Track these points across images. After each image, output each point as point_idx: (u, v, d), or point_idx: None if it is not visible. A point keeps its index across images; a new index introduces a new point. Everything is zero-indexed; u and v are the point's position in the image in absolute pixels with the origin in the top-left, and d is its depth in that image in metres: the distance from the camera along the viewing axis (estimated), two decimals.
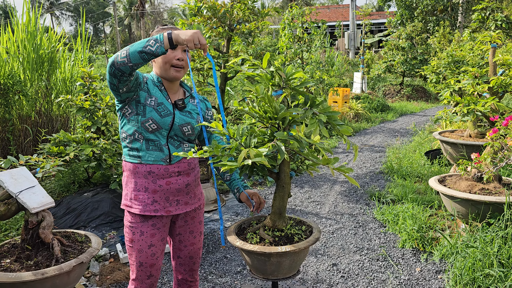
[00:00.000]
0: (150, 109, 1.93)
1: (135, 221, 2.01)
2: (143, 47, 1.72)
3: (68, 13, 57.39)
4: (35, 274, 2.35)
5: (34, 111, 5.71)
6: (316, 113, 1.78)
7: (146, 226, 2.01)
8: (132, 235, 2.01)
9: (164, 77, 2.01)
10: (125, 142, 2.01)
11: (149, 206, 1.99)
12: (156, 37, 1.75)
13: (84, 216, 4.19)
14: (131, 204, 2.00)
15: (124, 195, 2.06)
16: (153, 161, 1.96)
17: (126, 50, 1.74)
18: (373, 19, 28.71)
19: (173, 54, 1.94)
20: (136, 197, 1.99)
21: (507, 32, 8.80)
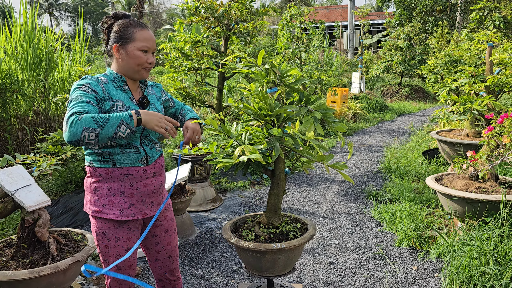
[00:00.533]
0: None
1: (108, 227, 1.94)
2: (113, 134, 1.65)
3: (67, 14, 57.38)
4: (31, 272, 2.35)
5: (32, 111, 5.71)
6: (311, 110, 1.78)
7: (122, 231, 1.96)
8: (107, 241, 1.95)
9: (131, 77, 1.95)
10: (92, 150, 1.90)
11: (126, 210, 1.93)
12: (127, 121, 1.67)
13: (81, 215, 4.19)
14: (104, 210, 1.92)
15: (92, 201, 1.95)
16: (130, 163, 1.90)
17: (95, 133, 1.62)
18: (372, 19, 28.74)
19: (146, 57, 1.91)
20: (111, 202, 1.91)
21: (505, 32, 8.83)
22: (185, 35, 5.97)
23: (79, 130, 1.60)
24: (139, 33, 1.88)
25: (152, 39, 1.91)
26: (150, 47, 1.90)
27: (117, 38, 1.89)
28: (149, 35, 1.91)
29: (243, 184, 5.68)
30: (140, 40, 1.88)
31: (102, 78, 1.90)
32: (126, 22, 1.91)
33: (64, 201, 4.33)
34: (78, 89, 1.80)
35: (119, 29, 1.89)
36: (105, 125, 1.62)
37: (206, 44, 5.92)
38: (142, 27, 1.90)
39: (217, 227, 4.30)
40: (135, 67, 1.90)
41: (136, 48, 1.87)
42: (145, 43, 1.88)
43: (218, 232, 4.16)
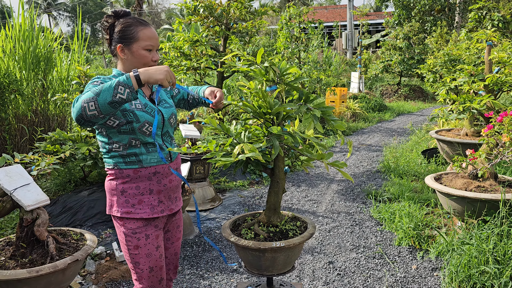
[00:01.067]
0: (140, 113, 1.85)
1: (137, 226, 1.92)
2: (112, 97, 1.59)
3: (66, 14, 57.30)
4: (29, 271, 2.34)
5: (31, 110, 5.70)
6: (310, 108, 1.78)
7: (150, 228, 1.95)
8: (137, 241, 1.92)
9: None
10: (116, 152, 1.89)
11: (156, 207, 1.94)
12: (123, 81, 1.61)
13: (80, 215, 4.18)
14: (134, 210, 1.91)
15: (120, 203, 1.92)
16: (156, 162, 1.91)
17: (93, 101, 1.58)
18: (371, 19, 28.75)
19: (150, 55, 1.90)
20: (141, 201, 1.91)
21: (504, 31, 8.83)
22: (184, 34, 5.96)
23: (79, 104, 1.59)
24: (143, 32, 1.87)
25: (155, 37, 1.90)
26: (154, 45, 1.90)
27: (120, 38, 1.88)
28: (152, 33, 1.90)
29: (242, 183, 5.68)
30: (144, 39, 1.87)
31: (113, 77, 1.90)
32: (128, 21, 1.89)
33: (63, 200, 4.32)
34: (90, 84, 1.79)
35: (122, 28, 1.88)
36: (102, 91, 1.58)
37: (205, 44, 5.91)
38: (144, 26, 1.89)
39: (216, 226, 4.29)
40: (141, 66, 1.89)
41: (141, 47, 1.87)
42: (149, 42, 1.88)
43: (217, 232, 4.15)
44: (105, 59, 33.81)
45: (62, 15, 57.68)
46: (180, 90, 2.13)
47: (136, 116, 1.83)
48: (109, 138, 1.87)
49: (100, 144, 1.94)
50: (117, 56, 1.92)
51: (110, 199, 1.95)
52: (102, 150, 1.94)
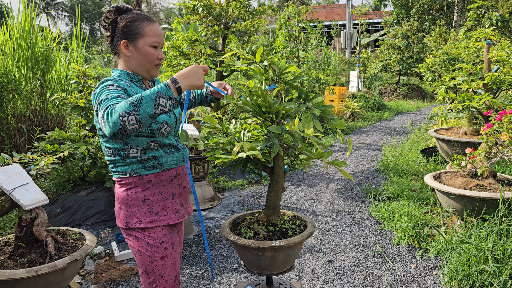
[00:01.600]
0: None
1: (164, 234, 1.81)
2: (154, 109, 1.48)
3: (64, 13, 57.22)
4: (28, 271, 2.34)
5: (29, 110, 5.69)
6: (310, 107, 1.78)
7: (174, 235, 1.86)
8: (165, 250, 1.81)
9: (143, 76, 1.85)
10: (134, 158, 1.76)
11: (180, 211, 1.86)
12: (163, 91, 1.50)
13: (79, 215, 4.17)
14: (159, 218, 1.79)
15: (142, 213, 1.78)
16: (176, 163, 1.83)
17: (134, 115, 1.45)
18: (369, 18, 28.76)
19: (156, 53, 1.80)
20: (165, 207, 1.81)
21: (502, 30, 8.84)
22: (183, 34, 5.96)
23: (116, 119, 1.45)
24: (149, 28, 1.77)
25: (161, 34, 1.81)
26: (160, 42, 1.80)
27: (124, 33, 1.77)
28: (158, 30, 1.80)
29: (241, 183, 5.67)
30: (150, 35, 1.77)
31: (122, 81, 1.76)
32: (133, 16, 1.78)
33: (61, 200, 4.32)
34: (105, 89, 1.65)
35: (126, 23, 1.76)
36: (142, 103, 1.46)
37: (204, 43, 5.91)
38: (150, 21, 1.79)
39: (215, 226, 4.29)
40: (146, 65, 1.80)
41: (147, 44, 1.77)
42: (156, 38, 1.78)
43: (216, 231, 4.15)
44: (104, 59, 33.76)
45: (61, 14, 57.60)
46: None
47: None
48: (125, 143, 1.74)
49: (111, 152, 1.77)
50: (120, 53, 1.81)
51: (128, 211, 1.79)
52: (114, 158, 1.78)
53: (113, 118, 1.45)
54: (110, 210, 4.26)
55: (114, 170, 1.80)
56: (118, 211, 1.84)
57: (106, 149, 1.79)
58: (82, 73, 4.99)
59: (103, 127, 1.50)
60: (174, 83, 1.53)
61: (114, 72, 1.83)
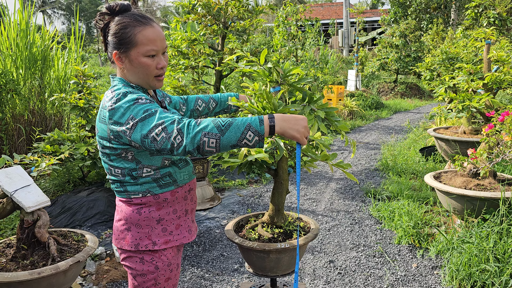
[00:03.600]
0: None
1: (173, 256, 1.69)
2: (238, 141, 1.36)
3: (60, 12, 56.99)
4: (31, 273, 2.33)
5: (28, 110, 5.66)
6: (314, 109, 1.78)
7: (179, 256, 1.75)
8: (170, 272, 1.69)
9: (143, 86, 1.63)
10: (148, 177, 1.61)
11: (192, 228, 1.76)
12: (255, 126, 1.37)
13: (79, 215, 4.16)
14: (173, 238, 1.67)
15: (156, 234, 1.64)
16: (188, 178, 1.72)
17: (215, 139, 1.35)
18: (367, 16, 28.78)
19: (155, 62, 1.56)
20: (178, 225, 1.69)
21: (500, 29, 8.86)
22: (181, 33, 5.94)
23: (197, 137, 1.34)
24: (141, 34, 1.52)
25: (159, 37, 1.54)
26: (158, 48, 1.55)
27: (116, 43, 1.54)
28: (154, 33, 1.54)
29: (241, 182, 5.68)
30: (144, 43, 1.52)
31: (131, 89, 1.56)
32: (124, 20, 1.53)
33: (62, 201, 4.30)
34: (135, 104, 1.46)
35: (116, 31, 1.53)
36: (228, 130, 1.35)
37: (203, 42, 5.89)
38: (144, 24, 1.53)
39: (216, 226, 4.29)
40: (144, 77, 1.58)
41: (141, 54, 1.53)
42: (151, 46, 1.53)
43: (217, 231, 4.15)
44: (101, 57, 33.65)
45: (57, 13, 57.38)
46: (171, 99, 1.90)
47: None
48: (138, 162, 1.58)
49: (119, 172, 1.60)
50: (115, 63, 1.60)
51: (139, 232, 1.63)
52: (123, 178, 1.60)
53: (194, 135, 1.34)
54: (110, 211, 4.25)
55: (121, 190, 1.63)
56: (123, 232, 1.65)
57: (112, 169, 1.61)
58: (81, 73, 4.97)
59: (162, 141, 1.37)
60: (270, 120, 1.39)
61: (116, 82, 1.60)
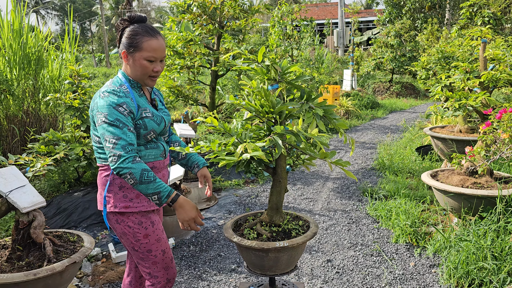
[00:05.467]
0: (148, 120, 1.94)
1: (141, 216, 2.00)
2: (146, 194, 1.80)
3: (54, 12, 56.71)
4: (26, 275, 2.30)
5: (22, 111, 5.61)
6: (313, 107, 1.76)
7: (154, 215, 2.04)
8: (145, 230, 2.00)
9: (138, 82, 2.00)
10: None
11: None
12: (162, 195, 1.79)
13: (75, 216, 4.13)
14: (133, 204, 1.97)
15: (118, 198, 1.97)
16: (153, 158, 2.01)
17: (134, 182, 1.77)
18: (362, 16, 28.84)
19: (152, 66, 1.93)
20: (139, 195, 1.98)
21: (494, 28, 8.90)
22: (177, 33, 5.92)
23: (125, 170, 1.76)
24: (147, 43, 1.89)
25: (160, 48, 1.91)
26: (157, 56, 1.91)
27: (126, 44, 1.91)
28: (157, 44, 1.90)
29: (237, 182, 5.66)
30: (147, 50, 1.89)
31: (124, 87, 1.93)
32: (136, 29, 1.91)
33: (57, 202, 4.27)
34: (115, 109, 1.83)
35: (128, 35, 1.91)
36: (145, 184, 1.77)
37: (198, 42, 5.87)
38: (151, 36, 1.90)
39: (212, 226, 4.27)
40: (141, 76, 1.94)
41: (143, 57, 1.90)
42: (152, 54, 1.90)
43: (214, 231, 4.13)
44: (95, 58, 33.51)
45: (51, 13, 57.09)
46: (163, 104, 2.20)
47: (145, 124, 1.93)
48: None
49: (97, 140, 1.97)
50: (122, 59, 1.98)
51: (104, 195, 1.98)
52: (99, 145, 1.98)
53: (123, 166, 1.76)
54: None
55: (99, 155, 2.00)
56: (98, 196, 2.05)
57: (95, 137, 1.98)
58: (76, 73, 4.94)
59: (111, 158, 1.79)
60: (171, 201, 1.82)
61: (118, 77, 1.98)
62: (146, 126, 1.93)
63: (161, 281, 2.08)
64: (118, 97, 1.86)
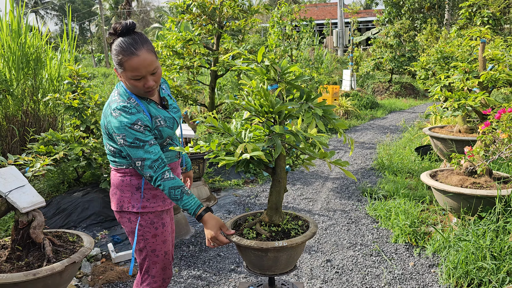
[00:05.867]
0: (163, 129, 1.97)
1: (154, 216, 2.05)
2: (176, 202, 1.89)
3: (53, 12, 56.68)
4: (26, 275, 2.30)
5: (21, 111, 5.61)
6: (312, 106, 1.77)
7: (165, 216, 2.10)
8: (155, 230, 2.05)
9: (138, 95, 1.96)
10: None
11: (167, 200, 2.09)
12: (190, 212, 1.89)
13: (74, 216, 4.13)
14: (150, 204, 2.02)
15: (135, 198, 2.01)
16: (169, 160, 2.07)
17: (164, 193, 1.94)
18: (361, 17, 28.86)
19: (141, 83, 1.85)
20: (155, 195, 2.03)
21: (493, 28, 8.91)
22: (176, 33, 5.92)
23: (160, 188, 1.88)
24: (127, 63, 1.80)
25: (142, 65, 1.80)
26: (142, 74, 1.82)
27: (115, 62, 1.86)
28: (137, 62, 1.79)
29: (237, 182, 5.66)
30: (130, 70, 1.81)
31: (132, 100, 1.89)
32: (119, 47, 1.80)
33: (56, 202, 4.27)
34: (131, 129, 1.83)
35: (113, 54, 1.83)
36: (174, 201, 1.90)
37: (198, 42, 5.87)
38: (131, 54, 1.79)
39: None
40: (136, 92, 1.91)
41: (129, 77, 1.84)
42: (135, 73, 1.81)
43: None
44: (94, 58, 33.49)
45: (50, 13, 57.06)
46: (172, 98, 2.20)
47: (160, 133, 1.96)
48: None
49: (112, 149, 1.99)
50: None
51: (121, 195, 2.02)
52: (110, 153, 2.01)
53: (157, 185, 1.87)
54: (105, 211, 4.22)
55: (113, 160, 2.02)
56: (112, 196, 2.08)
57: (108, 145, 2.01)
58: (75, 73, 4.94)
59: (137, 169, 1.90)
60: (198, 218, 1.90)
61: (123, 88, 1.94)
62: (162, 135, 1.97)
63: (157, 281, 2.13)
64: (130, 115, 1.84)
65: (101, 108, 4.93)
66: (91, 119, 4.77)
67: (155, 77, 1.87)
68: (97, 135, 4.84)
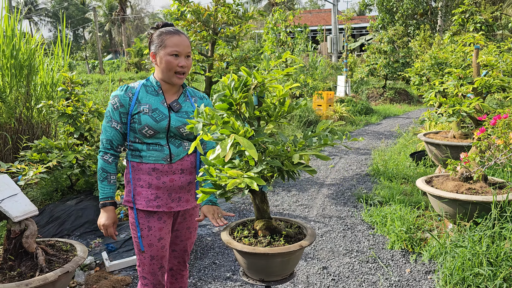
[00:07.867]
0: (144, 116, 2.04)
1: (140, 217, 2.12)
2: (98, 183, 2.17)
3: (47, 19, 56.57)
4: (18, 285, 2.27)
5: (14, 118, 5.56)
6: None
7: (153, 221, 2.12)
8: (141, 231, 2.12)
9: (167, 82, 2.12)
10: (129, 146, 2.14)
11: (152, 201, 2.09)
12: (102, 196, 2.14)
13: (68, 225, 4.08)
14: (134, 200, 2.10)
15: (126, 192, 2.17)
16: (154, 160, 2.08)
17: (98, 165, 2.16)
18: (355, 23, 29.03)
19: (176, 61, 2.04)
20: (139, 193, 2.10)
21: (486, 34, 8.99)
22: None
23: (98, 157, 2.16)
24: (169, 40, 2.03)
25: (183, 44, 2.05)
26: (180, 51, 2.04)
27: (153, 46, 2.08)
28: (179, 40, 2.04)
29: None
30: (170, 45, 2.03)
31: (135, 84, 2.13)
32: (161, 30, 2.07)
33: (49, 210, 4.22)
34: (110, 102, 2.09)
35: (155, 38, 2.08)
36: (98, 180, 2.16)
37: (192, 49, 5.86)
38: (173, 34, 2.05)
39: (207, 233, 4.24)
40: (167, 72, 2.06)
41: (167, 53, 2.03)
42: (175, 48, 2.03)
43: (208, 239, 4.10)
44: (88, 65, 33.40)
45: (43, 20, 56.93)
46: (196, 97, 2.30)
47: (139, 119, 2.05)
48: (128, 135, 2.13)
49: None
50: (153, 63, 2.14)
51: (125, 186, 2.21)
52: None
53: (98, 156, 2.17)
54: None
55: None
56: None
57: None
58: (69, 80, 4.91)
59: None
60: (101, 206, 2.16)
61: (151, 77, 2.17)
62: (140, 121, 2.04)
63: (148, 283, 2.19)
64: (117, 92, 2.10)
65: (95, 115, 4.90)
66: (85, 126, 4.74)
67: (188, 62, 2.07)
68: (91, 142, 4.80)
